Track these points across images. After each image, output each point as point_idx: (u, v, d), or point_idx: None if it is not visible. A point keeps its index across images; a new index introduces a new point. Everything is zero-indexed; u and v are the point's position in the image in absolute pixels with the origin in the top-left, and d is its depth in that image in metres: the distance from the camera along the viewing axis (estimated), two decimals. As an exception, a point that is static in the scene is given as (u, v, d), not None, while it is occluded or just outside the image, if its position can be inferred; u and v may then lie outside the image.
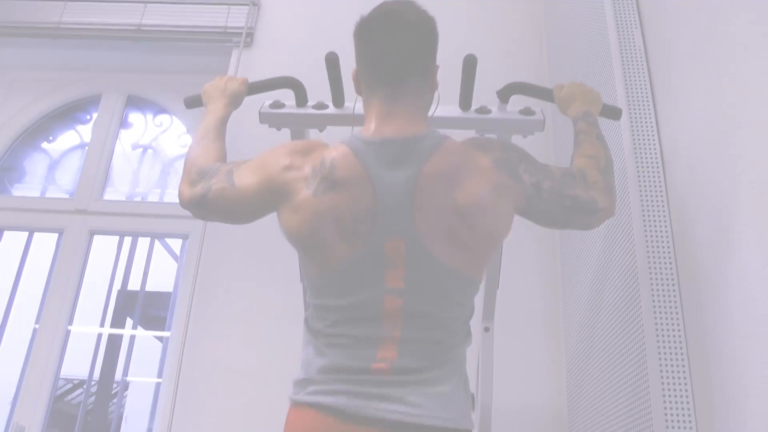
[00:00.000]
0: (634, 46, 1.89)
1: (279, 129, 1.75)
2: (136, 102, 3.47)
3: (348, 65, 1.57)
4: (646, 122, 1.77)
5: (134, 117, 3.46)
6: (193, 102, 1.73)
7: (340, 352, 1.21)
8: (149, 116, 3.45)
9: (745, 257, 1.28)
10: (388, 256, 1.21)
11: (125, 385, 2.94)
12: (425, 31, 1.34)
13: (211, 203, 1.37)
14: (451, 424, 1.18)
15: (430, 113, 1.42)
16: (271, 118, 1.72)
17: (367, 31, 1.34)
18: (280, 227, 1.31)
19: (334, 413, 1.16)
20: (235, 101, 1.65)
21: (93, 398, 2.97)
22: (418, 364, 1.19)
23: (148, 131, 3.42)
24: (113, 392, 3.01)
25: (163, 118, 3.44)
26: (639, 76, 1.84)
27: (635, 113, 1.78)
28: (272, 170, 1.31)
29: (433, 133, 1.29)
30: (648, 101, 1.80)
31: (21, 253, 3.08)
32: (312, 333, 1.28)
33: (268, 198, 1.31)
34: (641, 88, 1.81)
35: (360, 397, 1.16)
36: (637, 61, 1.86)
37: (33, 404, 2.70)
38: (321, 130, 1.75)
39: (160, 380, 2.81)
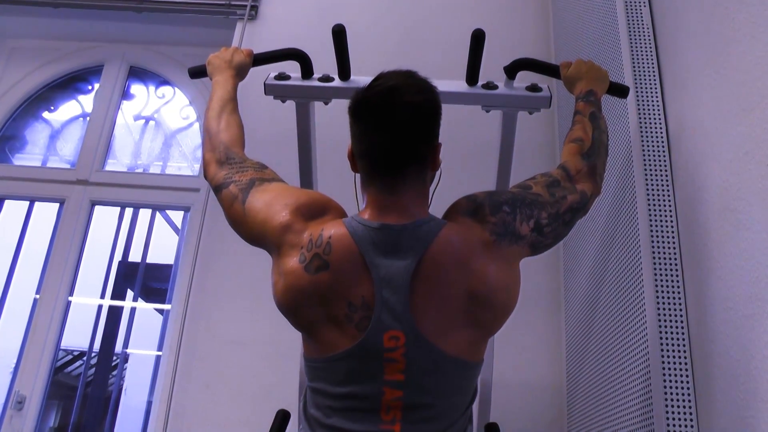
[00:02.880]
0: (642, 23, 1.87)
1: (284, 101, 1.74)
2: (138, 73, 3.45)
3: (354, 37, 1.56)
4: (652, 100, 1.76)
5: (136, 88, 3.44)
6: (198, 72, 1.72)
7: None
8: (151, 88, 3.44)
9: (750, 237, 1.28)
10: (387, 348, 1.14)
11: (125, 357, 2.95)
12: (425, 112, 1.23)
13: (221, 199, 1.36)
14: None
15: (431, 188, 1.34)
16: (277, 90, 1.71)
17: (362, 112, 1.23)
18: (271, 281, 1.26)
19: None
20: (240, 73, 1.64)
21: (93, 370, 2.98)
22: None
23: (150, 103, 3.40)
24: (113, 364, 3.02)
25: (166, 89, 3.42)
26: (646, 54, 1.83)
27: (641, 91, 1.77)
28: (272, 221, 1.25)
29: (431, 219, 1.23)
30: (654, 79, 1.79)
31: (22, 223, 3.08)
32: (308, 420, 1.23)
33: (261, 242, 1.28)
34: (648, 66, 1.81)
35: None
36: (644, 38, 1.85)
37: (33, 374, 2.72)
38: (326, 103, 1.74)
39: (160, 353, 2.83)
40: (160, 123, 3.37)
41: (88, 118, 3.31)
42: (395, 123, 1.20)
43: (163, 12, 3.20)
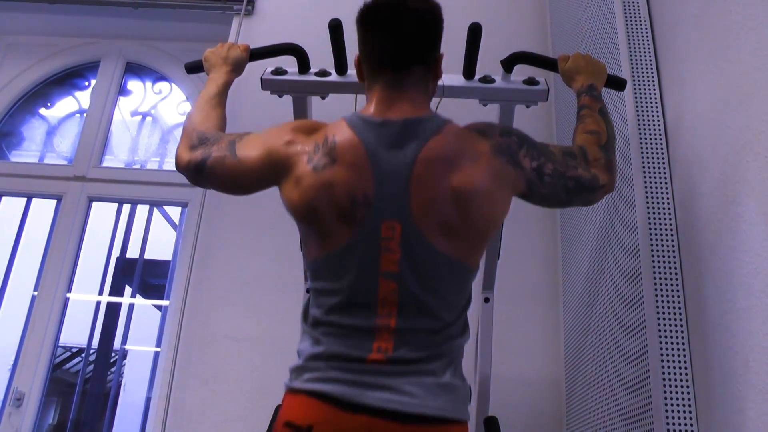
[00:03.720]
0: (639, 15, 1.87)
1: (281, 96, 1.73)
2: (135, 69, 3.43)
3: (350, 32, 1.55)
4: (649, 92, 1.76)
5: (133, 84, 3.43)
6: (195, 68, 1.72)
7: (335, 340, 1.20)
8: (148, 83, 3.43)
9: (748, 229, 1.28)
10: (383, 238, 1.20)
11: (124, 354, 2.95)
12: (430, 19, 1.32)
13: (209, 170, 1.35)
14: (449, 414, 1.17)
15: (432, 106, 1.39)
16: (273, 85, 1.71)
17: (370, 18, 1.32)
18: (282, 201, 1.30)
19: (330, 401, 1.14)
20: (237, 68, 1.64)
21: (92, 366, 2.97)
22: (415, 355, 1.18)
23: (147, 98, 3.39)
24: (112, 361, 3.02)
25: (163, 85, 3.41)
26: (643, 46, 1.83)
27: (639, 83, 1.77)
28: (275, 144, 1.30)
29: (435, 116, 1.29)
30: (652, 71, 1.79)
31: (19, 219, 3.07)
32: (308, 323, 1.27)
33: (269, 171, 1.30)
34: (645, 58, 1.81)
35: (357, 386, 1.15)
36: (641, 30, 1.85)
37: (32, 371, 2.71)
38: (323, 98, 1.74)
39: (158, 349, 2.83)
40: (157, 119, 3.36)
41: (84, 115, 3.30)
42: (401, 27, 1.29)
43: (160, 8, 3.19)
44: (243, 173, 1.33)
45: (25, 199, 3.12)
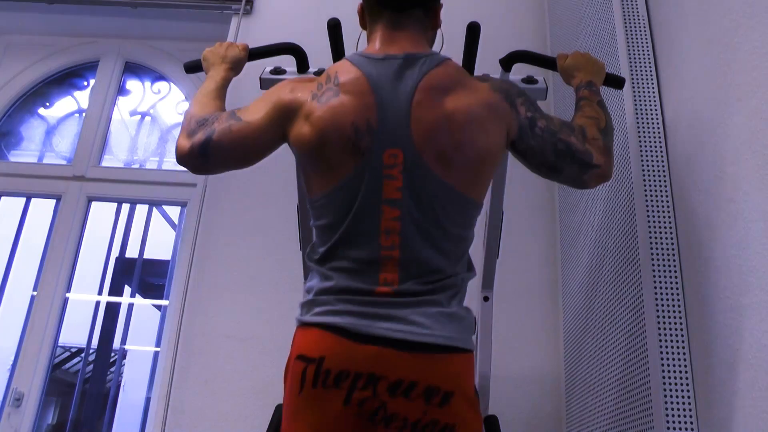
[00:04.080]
0: (638, 13, 1.87)
1: (280, 95, 1.73)
2: (133, 68, 3.43)
3: (349, 31, 1.55)
4: (648, 91, 1.76)
5: (132, 84, 3.43)
6: (193, 67, 1.71)
7: (344, 275, 1.23)
8: (147, 83, 3.43)
9: (747, 226, 1.28)
10: (386, 165, 1.23)
11: (123, 354, 2.95)
12: None
13: (216, 144, 1.32)
14: (456, 343, 1.19)
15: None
16: (272, 84, 1.69)
17: None
18: (293, 146, 1.32)
19: (340, 332, 1.17)
20: (235, 67, 1.64)
21: (91, 366, 2.97)
22: (421, 288, 1.21)
23: (146, 98, 3.39)
24: (111, 360, 3.02)
25: (161, 85, 3.41)
26: (642, 44, 1.83)
27: (638, 82, 1.78)
28: (278, 95, 1.34)
29: (435, 53, 1.33)
30: (650, 70, 1.79)
31: (18, 219, 3.07)
32: (314, 262, 1.29)
33: (278, 121, 1.32)
34: (644, 57, 1.81)
35: (365, 317, 1.17)
36: (640, 28, 1.85)
37: (31, 371, 2.72)
38: (322, 97, 1.73)
39: (158, 349, 2.82)
40: (156, 118, 3.36)
41: (83, 114, 3.30)
42: None
43: (159, 7, 3.19)
44: (252, 134, 1.33)
45: (24, 199, 3.12)
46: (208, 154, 1.33)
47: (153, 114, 3.37)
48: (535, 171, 1.39)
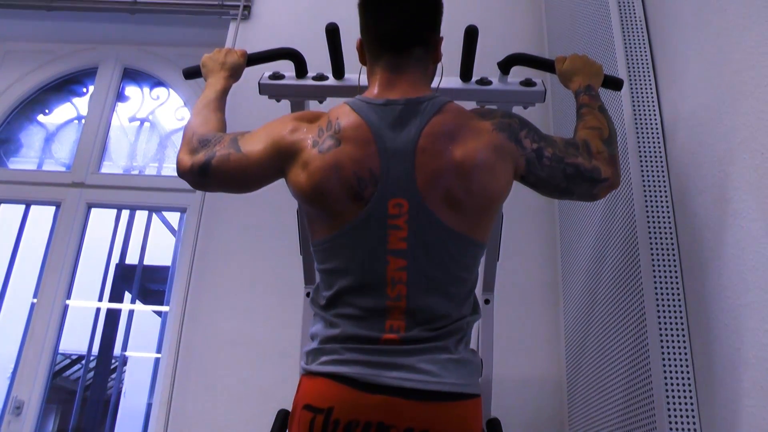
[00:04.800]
0: (635, 15, 1.88)
1: (279, 100, 1.74)
2: (132, 75, 3.44)
3: (347, 36, 1.56)
4: (646, 92, 1.77)
5: (131, 90, 3.43)
6: (192, 73, 1.72)
7: (350, 322, 1.22)
8: (146, 89, 3.43)
9: (747, 226, 1.29)
10: (391, 215, 1.22)
11: (124, 360, 2.95)
12: (430, 1, 1.36)
13: (215, 169, 1.35)
14: (464, 389, 1.19)
15: (434, 85, 1.43)
16: (271, 89, 1.71)
17: (371, 2, 1.36)
18: (290, 188, 1.32)
19: (348, 382, 1.16)
20: (234, 74, 1.64)
21: (92, 373, 2.97)
22: (427, 335, 1.20)
23: (145, 104, 3.40)
24: (112, 367, 3.02)
25: (160, 91, 3.41)
26: (639, 46, 1.84)
27: (636, 83, 1.78)
28: (279, 133, 1.32)
29: (436, 96, 1.31)
30: (648, 71, 1.80)
31: (18, 226, 3.07)
32: (319, 306, 1.29)
33: (275, 160, 1.32)
34: (642, 58, 1.82)
35: (373, 366, 1.17)
36: (637, 30, 1.86)
37: (32, 379, 2.71)
38: (321, 102, 1.74)
39: (159, 355, 2.82)
40: (155, 124, 3.36)
41: (83, 121, 3.30)
42: (402, 10, 1.33)
43: (157, 13, 3.19)
44: (249, 167, 1.33)
45: (23, 206, 3.11)
46: (207, 176, 1.37)
47: (152, 120, 3.37)
48: (547, 196, 1.40)
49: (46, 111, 3.42)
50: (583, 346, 2.14)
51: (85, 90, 3.44)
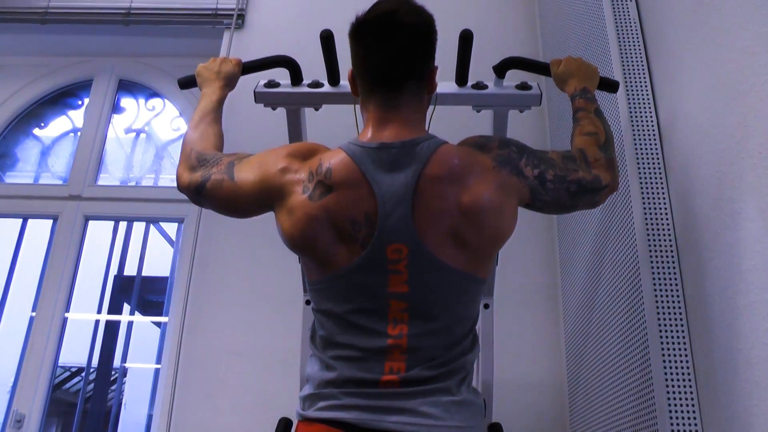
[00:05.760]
0: (629, 16, 1.88)
1: (274, 108, 1.73)
2: (127, 86, 3.43)
3: (342, 42, 1.55)
4: (642, 93, 1.77)
5: (126, 101, 3.42)
6: (187, 83, 1.72)
7: (348, 365, 1.19)
8: (141, 100, 3.42)
9: (747, 226, 1.28)
10: (390, 260, 1.19)
11: (124, 372, 2.94)
12: (423, 32, 1.30)
13: (208, 192, 1.35)
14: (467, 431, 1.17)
15: (428, 115, 1.40)
16: (267, 98, 1.70)
17: (362, 33, 1.31)
18: (277, 228, 1.30)
19: (347, 428, 1.14)
20: (230, 83, 1.64)
21: (92, 385, 2.96)
22: (428, 374, 1.17)
23: (140, 115, 3.39)
24: (112, 379, 3.00)
25: (156, 101, 3.41)
26: (634, 47, 1.84)
27: (631, 85, 1.78)
28: (270, 171, 1.29)
29: (431, 137, 1.28)
30: (644, 72, 1.80)
31: (15, 240, 3.06)
32: (316, 346, 1.26)
33: (264, 197, 1.30)
34: (636, 59, 1.82)
35: (373, 411, 1.14)
36: (631, 31, 1.86)
37: (32, 392, 2.70)
38: (317, 109, 1.73)
39: (158, 366, 2.81)
40: (151, 135, 3.36)
41: (79, 133, 3.29)
42: (394, 42, 1.27)
43: (150, 24, 3.19)
44: (240, 197, 1.33)
45: (20, 220, 3.11)
46: (202, 197, 1.38)
47: (148, 131, 3.36)
48: (551, 214, 1.40)
49: (42, 124, 3.41)
50: (583, 349, 2.13)
51: (80, 102, 3.43)
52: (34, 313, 2.87)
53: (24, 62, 3.44)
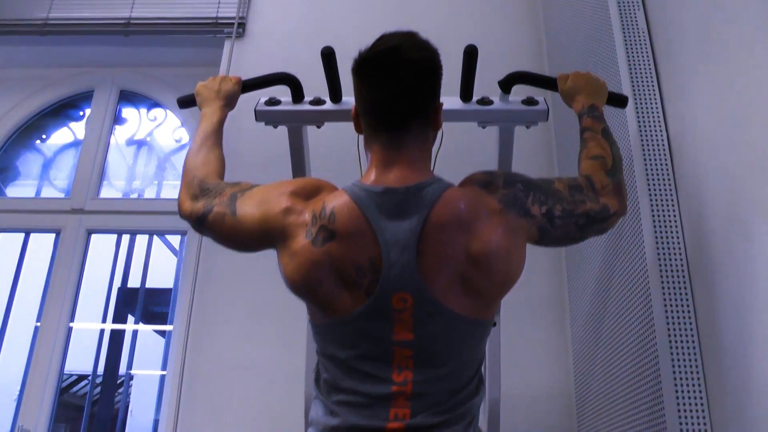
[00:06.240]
0: (637, 27, 1.84)
1: (276, 127, 1.71)
2: (129, 97, 3.41)
3: (344, 55, 1.51)
4: (652, 108, 1.73)
5: (128, 112, 3.40)
6: (187, 102, 1.69)
7: (352, 411, 1.16)
8: (143, 110, 3.40)
9: (758, 247, 1.25)
10: (395, 310, 1.15)
11: (130, 378, 2.92)
12: (429, 68, 1.26)
13: (210, 225, 1.33)
14: None
15: (434, 151, 1.36)
16: (268, 116, 1.68)
17: (365, 70, 1.26)
18: (279, 268, 1.26)
19: None
20: (230, 102, 1.62)
21: (99, 389, 2.94)
22: (433, 420, 1.14)
23: (142, 126, 3.37)
24: (118, 382, 2.99)
25: (157, 112, 3.38)
26: (643, 59, 1.79)
27: (641, 99, 1.74)
28: (272, 210, 1.26)
29: (436, 180, 1.24)
30: (653, 86, 1.75)
31: (18, 255, 3.04)
32: (320, 390, 1.24)
33: (266, 237, 1.27)
34: (646, 73, 1.77)
35: None
36: (641, 44, 1.81)
37: (37, 408, 2.68)
38: (319, 126, 1.71)
39: (164, 372, 2.80)
40: (153, 146, 3.34)
41: (81, 146, 3.27)
42: (398, 80, 1.23)
43: (150, 34, 3.17)
44: (241, 234, 1.29)
45: (23, 235, 3.09)
46: (203, 228, 1.35)
47: (150, 142, 3.34)
48: (561, 247, 1.36)
49: (43, 137, 3.39)
50: (591, 362, 2.11)
51: (81, 113, 3.41)
52: (38, 324, 2.85)
53: (24, 74, 3.41)
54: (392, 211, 1.19)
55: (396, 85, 1.24)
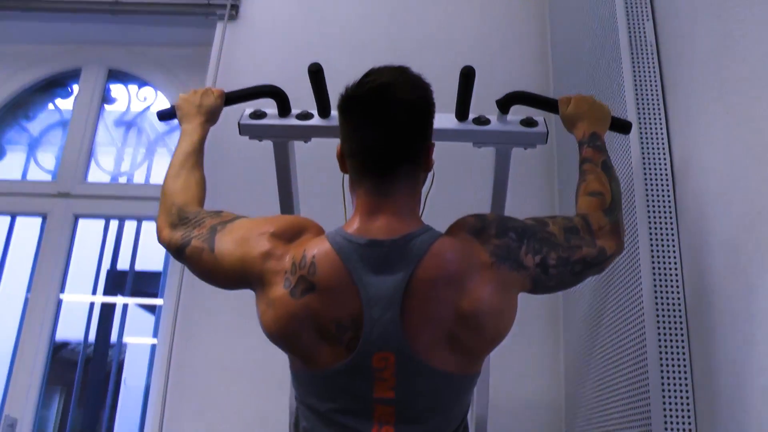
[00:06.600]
0: (647, 51, 1.73)
1: (261, 140, 1.62)
2: (118, 76, 3.29)
3: (339, 42, 1.42)
4: (656, 136, 1.64)
5: (117, 92, 3.29)
6: (167, 115, 1.61)
7: None
8: (133, 88, 3.28)
9: (760, 299, 1.20)
10: (376, 368, 1.09)
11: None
12: (421, 109, 1.19)
13: (187, 258, 1.27)
14: None
15: (423, 193, 1.28)
16: (253, 130, 1.60)
17: (353, 110, 1.18)
18: (257, 313, 1.19)
19: None
20: (211, 118, 1.54)
21: (91, 349, 2.91)
22: None
23: (131, 107, 3.27)
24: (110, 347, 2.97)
25: (147, 92, 3.27)
26: (651, 84, 1.68)
27: (645, 126, 1.64)
28: (251, 253, 1.18)
29: (423, 231, 1.16)
30: (659, 114, 1.65)
31: (3, 239, 2.97)
32: None
33: (242, 280, 1.20)
34: (653, 98, 1.67)
35: None
36: (649, 67, 1.70)
37: (23, 398, 2.66)
38: (306, 141, 1.63)
39: (155, 340, 2.80)
40: (143, 128, 3.24)
41: (67, 125, 3.17)
42: (387, 121, 1.15)
43: (138, 14, 3.04)
44: (219, 271, 1.23)
45: (8, 218, 3.01)
46: (181, 259, 1.30)
47: (139, 123, 3.24)
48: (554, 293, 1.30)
49: (30, 115, 3.28)
50: (582, 373, 2.08)
51: (69, 90, 3.30)
52: (28, 296, 2.82)
53: (8, 51, 3.28)
54: (377, 266, 1.12)
55: (386, 128, 1.15)
